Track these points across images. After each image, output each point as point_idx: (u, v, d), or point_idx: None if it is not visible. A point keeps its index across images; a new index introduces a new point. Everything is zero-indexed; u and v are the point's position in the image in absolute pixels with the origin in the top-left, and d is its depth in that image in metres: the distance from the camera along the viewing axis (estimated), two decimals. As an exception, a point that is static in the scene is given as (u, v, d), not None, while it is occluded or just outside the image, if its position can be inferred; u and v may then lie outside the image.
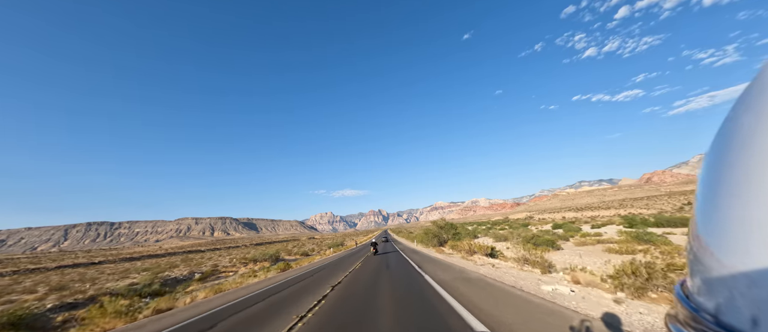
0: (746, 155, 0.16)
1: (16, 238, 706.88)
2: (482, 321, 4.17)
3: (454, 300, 5.70)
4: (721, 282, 0.17)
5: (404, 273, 11.50)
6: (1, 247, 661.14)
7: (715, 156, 0.16)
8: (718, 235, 0.17)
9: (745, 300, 0.17)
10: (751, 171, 0.16)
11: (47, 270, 43.49)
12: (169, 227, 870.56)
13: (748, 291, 0.17)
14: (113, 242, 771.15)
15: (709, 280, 0.17)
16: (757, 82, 0.17)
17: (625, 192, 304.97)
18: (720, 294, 0.17)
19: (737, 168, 0.16)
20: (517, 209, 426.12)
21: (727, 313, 0.17)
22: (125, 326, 7.58)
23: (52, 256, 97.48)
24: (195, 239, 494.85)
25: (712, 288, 0.17)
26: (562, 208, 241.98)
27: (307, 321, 5.38)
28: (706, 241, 0.17)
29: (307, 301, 7.60)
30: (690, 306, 0.17)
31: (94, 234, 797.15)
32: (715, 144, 0.17)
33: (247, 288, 12.27)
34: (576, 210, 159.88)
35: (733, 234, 0.16)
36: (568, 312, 4.23)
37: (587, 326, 3.55)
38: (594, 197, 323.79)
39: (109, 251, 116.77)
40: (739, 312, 0.17)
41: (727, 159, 0.16)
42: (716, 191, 0.16)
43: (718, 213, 0.17)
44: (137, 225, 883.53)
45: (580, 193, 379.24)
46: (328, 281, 11.21)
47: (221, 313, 7.39)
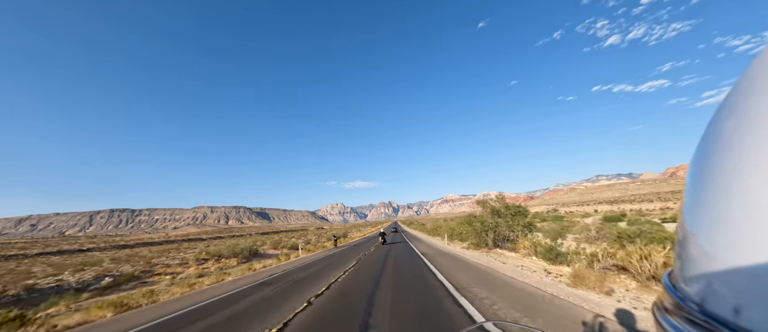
0: (728, 157, 0.17)
1: (46, 223, 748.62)
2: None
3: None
4: (705, 273, 0.18)
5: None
6: (32, 231, 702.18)
7: (701, 156, 0.17)
8: (702, 229, 0.17)
9: (729, 289, 0.18)
10: (732, 172, 0.17)
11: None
12: (186, 215, 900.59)
13: (731, 282, 0.17)
14: (134, 228, 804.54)
15: (694, 271, 0.18)
16: (741, 84, 0.18)
17: (649, 186, 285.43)
18: (705, 283, 0.18)
19: (720, 169, 0.17)
20: (532, 202, 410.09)
21: (712, 302, 0.18)
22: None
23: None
24: (210, 227, 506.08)
25: (697, 278, 0.18)
26: (583, 202, 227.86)
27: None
28: (692, 234, 0.18)
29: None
30: (676, 295, 0.18)
31: (116, 220, 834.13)
32: (701, 144, 0.18)
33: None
34: (608, 204, 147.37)
35: (716, 229, 0.17)
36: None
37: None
38: (616, 191, 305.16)
39: (93, 239, 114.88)
40: (722, 301, 0.18)
41: (711, 160, 0.17)
42: (702, 188, 0.17)
43: (703, 209, 0.17)
44: (156, 213, 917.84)
45: (600, 187, 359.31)
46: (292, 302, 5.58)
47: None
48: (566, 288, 5.53)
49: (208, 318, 5.52)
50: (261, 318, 5.09)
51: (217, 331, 4.65)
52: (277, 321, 4.72)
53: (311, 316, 4.87)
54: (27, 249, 57.86)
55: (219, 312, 5.86)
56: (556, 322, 3.74)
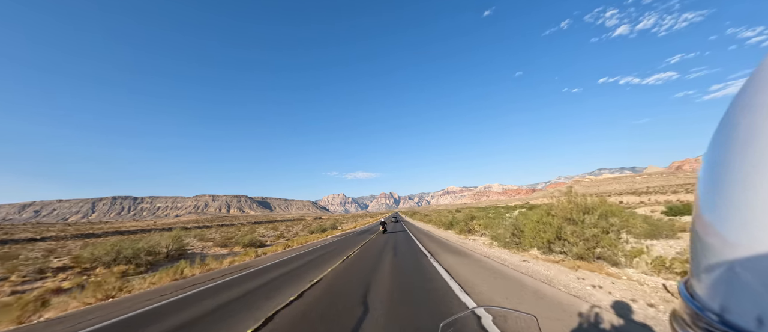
0: (749, 155, 0.16)
1: (49, 209, 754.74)
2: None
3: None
4: (725, 282, 0.16)
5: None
6: (36, 216, 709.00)
7: (716, 154, 0.16)
8: (721, 233, 0.16)
9: (751, 298, 0.16)
10: (754, 171, 0.16)
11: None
12: (188, 203, 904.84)
13: (754, 290, 0.16)
14: (136, 215, 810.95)
15: (713, 279, 0.16)
16: (755, 78, 0.16)
17: (656, 180, 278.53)
18: (725, 292, 0.16)
19: (740, 167, 0.16)
20: (535, 195, 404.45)
21: (733, 312, 0.16)
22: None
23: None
24: (211, 216, 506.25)
25: (716, 286, 0.16)
26: (596, 194, 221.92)
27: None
28: (709, 239, 0.16)
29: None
30: (694, 305, 0.16)
31: (118, 208, 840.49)
32: (715, 141, 0.16)
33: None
34: (632, 195, 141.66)
35: (736, 233, 0.16)
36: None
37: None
38: (624, 183, 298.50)
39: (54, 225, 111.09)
40: (744, 311, 0.16)
41: (728, 158, 0.16)
42: (719, 189, 0.16)
43: (721, 212, 0.16)
44: (158, 200, 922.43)
45: (606, 179, 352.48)
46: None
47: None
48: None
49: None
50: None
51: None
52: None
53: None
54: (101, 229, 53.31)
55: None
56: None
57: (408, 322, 3.60)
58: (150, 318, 4.66)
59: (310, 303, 4.86)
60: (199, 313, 4.76)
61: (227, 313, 4.63)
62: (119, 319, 4.76)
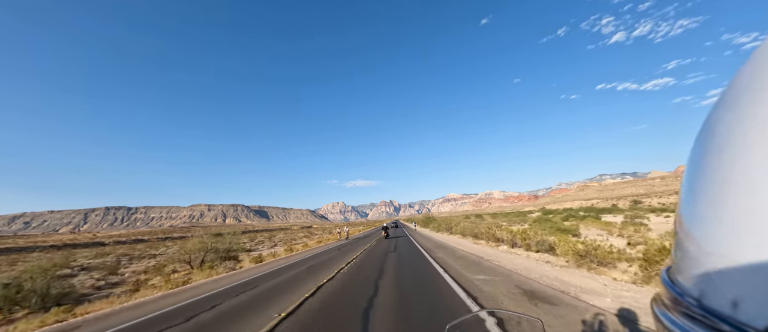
0: (727, 151, 0.17)
1: (40, 220, 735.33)
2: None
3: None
4: (703, 268, 0.17)
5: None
6: (25, 229, 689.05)
7: (699, 151, 0.17)
8: (700, 224, 0.17)
9: (726, 284, 0.17)
10: (731, 166, 0.17)
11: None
12: (183, 213, 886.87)
13: (729, 276, 0.17)
14: (130, 226, 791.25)
15: (692, 266, 0.17)
16: (734, 81, 0.17)
17: (662, 184, 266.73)
18: (703, 278, 0.17)
19: (718, 163, 0.17)
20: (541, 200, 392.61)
21: (710, 296, 0.17)
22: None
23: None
24: (206, 226, 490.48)
25: (695, 273, 0.17)
26: (607, 198, 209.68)
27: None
28: (690, 230, 0.17)
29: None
30: (674, 290, 0.17)
31: (111, 218, 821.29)
32: (699, 139, 0.17)
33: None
34: (653, 197, 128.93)
35: (713, 224, 0.17)
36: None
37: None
38: (633, 187, 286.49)
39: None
40: (720, 296, 0.17)
41: (708, 155, 0.17)
42: (699, 183, 0.17)
43: (700, 204, 0.17)
44: (153, 210, 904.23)
45: (614, 184, 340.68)
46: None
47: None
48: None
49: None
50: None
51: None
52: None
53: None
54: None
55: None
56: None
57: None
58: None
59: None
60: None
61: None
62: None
